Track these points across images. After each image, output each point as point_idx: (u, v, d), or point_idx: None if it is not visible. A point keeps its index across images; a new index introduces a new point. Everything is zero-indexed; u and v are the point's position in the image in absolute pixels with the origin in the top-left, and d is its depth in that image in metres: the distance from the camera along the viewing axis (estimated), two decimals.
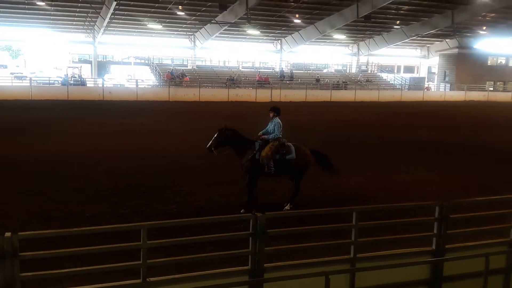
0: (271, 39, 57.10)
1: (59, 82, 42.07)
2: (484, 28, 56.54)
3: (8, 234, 4.28)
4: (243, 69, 54.86)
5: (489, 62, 58.58)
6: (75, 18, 46.69)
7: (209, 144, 10.03)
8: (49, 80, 43.09)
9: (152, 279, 4.88)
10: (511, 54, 59.03)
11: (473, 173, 14.51)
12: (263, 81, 47.76)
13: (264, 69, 55.94)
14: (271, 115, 10.24)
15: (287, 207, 9.98)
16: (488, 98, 52.84)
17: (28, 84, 38.50)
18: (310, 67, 59.96)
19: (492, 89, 57.02)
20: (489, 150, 18.90)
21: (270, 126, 10.18)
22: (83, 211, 9.72)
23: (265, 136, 10.12)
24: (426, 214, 6.53)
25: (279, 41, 56.80)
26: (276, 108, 10.34)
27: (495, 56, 59.08)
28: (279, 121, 10.17)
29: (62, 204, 10.15)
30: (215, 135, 10.05)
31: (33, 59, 51.14)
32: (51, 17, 45.37)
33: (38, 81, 42.40)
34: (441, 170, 14.80)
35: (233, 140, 10.10)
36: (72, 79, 43.12)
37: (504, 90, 57.90)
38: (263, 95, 42.97)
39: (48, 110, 29.48)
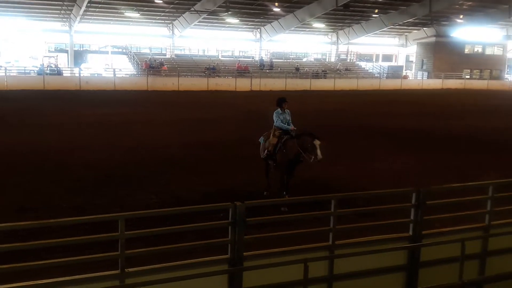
0: (250, 28, 56.80)
1: (35, 71, 41.35)
2: (461, 16, 57.05)
3: None
4: (222, 58, 54.56)
5: (466, 50, 59.16)
6: (51, 7, 45.75)
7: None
8: (24, 69, 42.31)
9: (130, 269, 4.86)
10: (487, 42, 59.67)
11: (450, 160, 14.73)
12: (242, 70, 47.58)
13: (243, 58, 55.68)
14: (286, 106, 10.29)
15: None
16: (465, 86, 53.46)
17: (3, 74, 37.65)
18: (290, 56, 59.85)
19: (468, 77, 57.69)
20: (465, 137, 19.19)
21: (286, 117, 10.25)
22: (60, 203, 9.62)
23: (294, 128, 10.21)
24: (403, 200, 6.60)
25: (259, 29, 56.53)
26: None
27: (472, 45, 59.66)
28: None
29: (39, 196, 10.02)
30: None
31: (8, 48, 50.06)
32: (26, 5, 44.38)
33: (14, 71, 41.60)
34: (419, 157, 14.99)
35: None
36: (48, 68, 42.40)
37: (481, 78, 58.60)
38: (242, 84, 42.86)
39: (24, 100, 28.96)
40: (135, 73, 45.53)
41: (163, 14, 50.09)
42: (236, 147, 15.50)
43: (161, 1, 45.49)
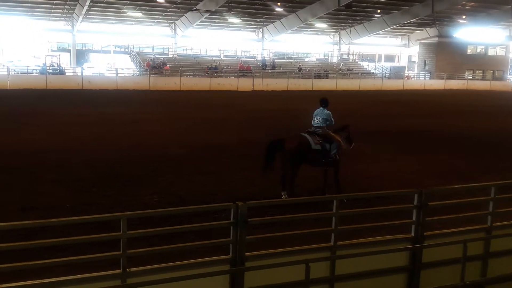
0: (252, 28, 56.81)
1: (38, 71, 41.40)
2: (464, 17, 56.99)
3: None
4: (224, 58, 54.56)
5: (468, 50, 59.09)
6: (53, 6, 45.84)
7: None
8: (27, 69, 42.38)
9: (132, 269, 4.86)
10: (490, 43, 59.62)
11: (451, 161, 14.70)
12: (245, 70, 47.59)
13: (246, 58, 55.68)
14: None
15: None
16: (467, 87, 53.38)
17: (6, 73, 37.75)
18: (292, 56, 59.84)
19: (471, 77, 57.61)
20: (467, 138, 19.14)
21: None
22: (62, 202, 9.62)
23: None
24: (405, 201, 6.59)
25: (261, 29, 56.52)
26: None
27: (474, 45, 59.59)
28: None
29: (40, 195, 10.02)
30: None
31: (11, 47, 50.11)
32: (29, 4, 44.49)
33: (16, 70, 41.65)
34: (421, 158, 14.96)
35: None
36: (51, 67, 42.47)
37: (483, 78, 58.53)
38: (245, 84, 42.89)
39: (26, 99, 29.02)
40: (137, 72, 45.59)
41: (165, 13, 50.15)
42: (239, 147, 15.50)
43: (164, 1, 45.52)
